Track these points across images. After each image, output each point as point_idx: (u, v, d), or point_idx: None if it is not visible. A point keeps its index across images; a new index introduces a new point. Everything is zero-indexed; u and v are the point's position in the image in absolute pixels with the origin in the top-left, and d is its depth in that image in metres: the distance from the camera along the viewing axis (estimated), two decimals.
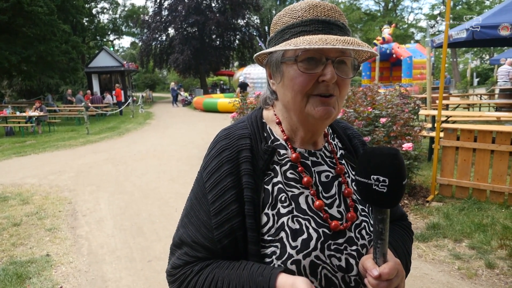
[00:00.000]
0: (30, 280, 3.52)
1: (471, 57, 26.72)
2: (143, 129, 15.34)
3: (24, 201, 5.92)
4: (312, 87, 0.86)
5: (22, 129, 14.91)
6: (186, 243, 0.94)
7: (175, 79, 43.89)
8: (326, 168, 0.98)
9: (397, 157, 0.76)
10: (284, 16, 0.91)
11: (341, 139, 1.08)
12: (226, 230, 0.88)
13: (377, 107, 6.16)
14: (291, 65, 0.87)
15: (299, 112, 0.90)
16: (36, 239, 4.48)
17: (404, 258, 1.01)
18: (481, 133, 4.77)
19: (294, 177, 0.93)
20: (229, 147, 0.93)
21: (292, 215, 0.89)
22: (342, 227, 0.92)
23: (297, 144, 0.97)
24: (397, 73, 23.61)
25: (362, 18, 44.57)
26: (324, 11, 0.87)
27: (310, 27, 0.86)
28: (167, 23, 33.01)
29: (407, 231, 1.12)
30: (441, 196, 5.09)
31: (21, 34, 20.63)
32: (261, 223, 0.89)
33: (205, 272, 0.89)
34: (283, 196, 0.90)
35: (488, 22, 7.70)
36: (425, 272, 3.45)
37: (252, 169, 0.90)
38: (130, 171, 7.77)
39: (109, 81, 29.57)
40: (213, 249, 0.91)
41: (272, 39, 0.93)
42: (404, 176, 0.77)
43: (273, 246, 0.87)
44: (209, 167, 0.93)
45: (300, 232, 0.88)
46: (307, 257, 0.86)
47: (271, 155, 0.93)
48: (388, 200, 0.76)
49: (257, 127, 0.98)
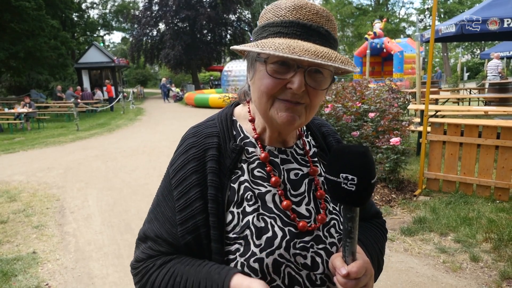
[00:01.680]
0: (16, 278, 3.49)
1: (461, 51, 26.85)
2: (134, 125, 15.24)
3: (11, 198, 5.86)
4: (279, 90, 0.84)
5: (11, 125, 14.73)
6: (150, 238, 0.95)
7: (167, 74, 43.66)
8: (296, 166, 0.97)
9: (366, 156, 0.75)
10: (269, 11, 0.87)
11: (315, 137, 1.07)
12: (189, 226, 0.88)
13: (365, 101, 6.19)
14: (261, 65, 0.85)
15: (264, 113, 0.89)
16: (23, 237, 4.44)
17: (376, 257, 1.01)
18: (468, 127, 4.81)
19: (262, 175, 0.93)
20: (196, 145, 0.92)
21: (258, 213, 0.88)
22: (310, 228, 0.91)
23: (267, 142, 0.97)
24: (389, 67, 23.70)
25: (353, 12, 44.57)
26: (309, 14, 0.83)
27: (288, 30, 0.82)
28: (157, 18, 32.79)
29: (381, 229, 1.12)
30: (428, 190, 5.13)
31: (8, 30, 20.34)
32: (226, 221, 0.88)
33: (167, 267, 0.90)
34: (249, 195, 0.90)
35: (477, 17, 7.74)
36: (410, 265, 3.48)
37: (218, 168, 0.90)
38: (120, 167, 7.73)
39: (100, 77, 29.30)
40: (176, 244, 0.91)
41: (255, 33, 0.90)
42: (373, 174, 0.76)
43: (238, 244, 0.86)
44: (175, 164, 0.93)
45: (265, 230, 0.87)
46: (270, 255, 0.85)
47: (238, 154, 0.92)
48: (356, 198, 0.76)
49: (226, 125, 0.97)
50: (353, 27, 45.41)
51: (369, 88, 7.59)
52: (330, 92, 6.36)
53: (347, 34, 48.34)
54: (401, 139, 4.97)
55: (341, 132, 5.43)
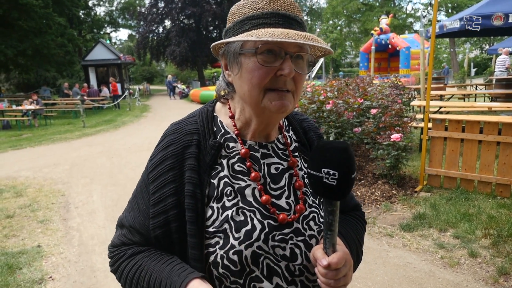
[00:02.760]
0: (21, 271, 3.58)
1: (468, 47, 26.58)
2: (139, 121, 15.35)
3: (18, 193, 5.97)
4: (269, 81, 0.87)
5: (18, 122, 14.91)
6: (125, 226, 1.01)
7: (173, 71, 43.78)
8: (276, 160, 1.00)
9: (347, 152, 0.78)
10: (243, 6, 0.90)
11: (296, 132, 1.09)
12: (160, 221, 0.92)
13: (368, 98, 6.19)
14: (249, 57, 0.87)
15: (255, 105, 0.91)
16: (28, 231, 4.53)
17: (355, 248, 1.04)
18: (469, 123, 4.80)
19: (242, 169, 0.96)
20: (175, 142, 0.95)
21: (237, 207, 0.92)
22: (290, 219, 0.94)
23: (249, 137, 0.99)
24: (395, 63, 23.56)
25: (360, 8, 44.24)
26: (285, 5, 0.88)
27: (271, 20, 0.86)
28: (163, 15, 32.86)
29: (360, 221, 1.15)
30: (429, 186, 5.14)
31: (16, 28, 20.53)
32: (206, 216, 0.92)
33: (135, 259, 0.96)
34: (228, 190, 0.93)
35: (481, 12, 7.69)
36: (408, 261, 3.51)
37: (197, 165, 0.93)
38: (124, 163, 7.81)
39: (106, 74, 29.43)
40: (147, 236, 0.96)
41: (230, 30, 0.92)
42: (353, 169, 0.79)
43: (217, 237, 0.90)
44: (154, 159, 0.97)
45: (244, 223, 0.90)
46: (249, 247, 0.88)
47: (218, 150, 0.95)
48: (337, 192, 0.79)
49: (207, 121, 1.00)
50: (359, 22, 45.09)
51: (372, 85, 7.59)
52: (332, 89, 6.37)
53: (353, 30, 48.03)
54: (402, 135, 4.97)
55: (342, 129, 5.45)
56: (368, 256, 3.63)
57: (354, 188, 5.19)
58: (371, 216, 4.47)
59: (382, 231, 4.12)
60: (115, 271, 1.01)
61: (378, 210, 4.64)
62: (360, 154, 6.72)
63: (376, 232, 4.11)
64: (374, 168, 5.67)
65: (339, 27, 48.65)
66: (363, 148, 6.77)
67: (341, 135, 5.43)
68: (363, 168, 5.95)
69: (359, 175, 5.56)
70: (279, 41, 0.79)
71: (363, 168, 5.95)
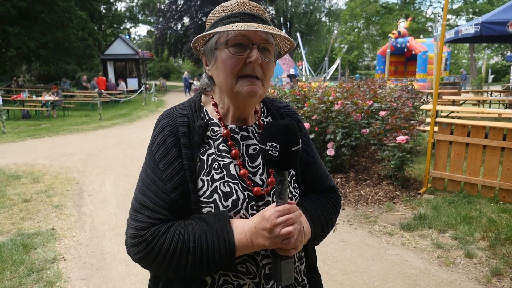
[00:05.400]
0: (35, 250, 3.80)
1: (487, 53, 26.16)
2: (154, 116, 15.62)
3: (35, 180, 6.24)
4: (240, 68, 1.02)
5: (37, 112, 15.36)
6: (147, 207, 1.03)
7: (190, 68, 44.18)
8: (255, 142, 1.15)
9: (289, 128, 0.95)
10: (217, 11, 1.10)
11: (274, 117, 1.25)
12: (180, 191, 1.04)
13: (377, 100, 6.28)
14: (223, 49, 1.03)
15: (230, 91, 1.07)
16: (44, 215, 4.77)
17: (320, 225, 1.18)
18: (474, 128, 4.85)
19: (225, 149, 1.11)
20: (170, 124, 1.11)
21: (224, 180, 1.07)
22: (263, 192, 1.10)
23: (229, 122, 1.15)
24: (412, 67, 23.34)
25: (379, 11, 43.87)
26: (250, 7, 1.07)
27: (238, 18, 1.04)
28: (182, 12, 33.23)
29: (331, 201, 1.26)
30: (433, 189, 5.20)
31: (39, 20, 21.10)
32: (198, 187, 1.06)
33: (171, 231, 1.01)
34: (216, 165, 1.08)
35: (496, 19, 7.66)
36: (405, 259, 3.61)
37: (188, 142, 1.08)
38: (137, 155, 8.05)
39: (124, 68, 29.97)
40: (172, 209, 1.04)
41: (206, 31, 1.10)
42: (294, 143, 0.95)
43: (208, 207, 1.05)
44: (156, 141, 1.11)
45: (230, 194, 1.06)
46: (236, 214, 1.05)
47: (205, 130, 1.11)
48: (281, 162, 0.95)
49: (195, 108, 1.16)
50: (378, 25, 44.71)
51: (384, 87, 7.65)
52: (341, 90, 6.47)
53: (371, 33, 47.65)
54: (408, 138, 5.05)
55: (350, 129, 5.54)
56: (367, 252, 3.74)
57: (358, 187, 5.29)
58: (372, 215, 4.57)
59: (382, 229, 4.22)
60: (151, 250, 1.00)
61: (381, 209, 4.73)
62: (367, 155, 6.80)
63: (377, 230, 4.21)
64: (380, 169, 5.75)
65: (357, 29, 48.32)
66: (370, 150, 6.86)
67: (348, 136, 5.53)
68: (369, 168, 6.04)
69: (364, 175, 5.66)
70: (242, 30, 0.99)
71: (369, 168, 6.04)
